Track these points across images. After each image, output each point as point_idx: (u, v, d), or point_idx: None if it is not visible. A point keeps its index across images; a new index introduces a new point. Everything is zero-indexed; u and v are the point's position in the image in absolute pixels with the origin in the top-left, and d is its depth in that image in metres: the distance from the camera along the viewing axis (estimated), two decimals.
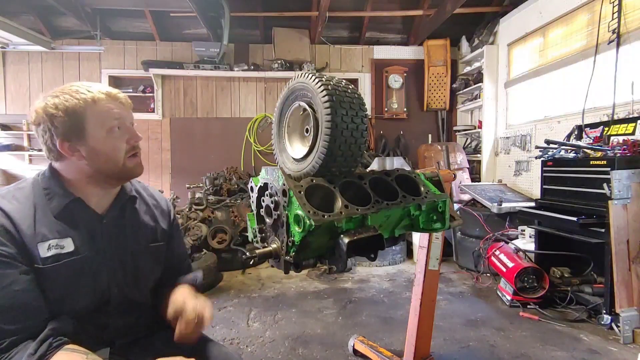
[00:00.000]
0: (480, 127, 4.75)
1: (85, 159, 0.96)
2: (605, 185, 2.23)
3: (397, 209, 1.06)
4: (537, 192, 3.33)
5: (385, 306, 2.75)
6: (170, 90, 5.16)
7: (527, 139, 3.93)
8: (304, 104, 1.06)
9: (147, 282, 1.12)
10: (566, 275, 2.72)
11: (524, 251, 2.82)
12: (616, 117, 2.79)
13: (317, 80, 1.00)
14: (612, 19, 2.85)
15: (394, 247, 3.74)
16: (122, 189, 1.09)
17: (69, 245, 0.95)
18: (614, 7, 2.84)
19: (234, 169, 4.89)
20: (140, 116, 4.96)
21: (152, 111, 5.11)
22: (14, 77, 4.91)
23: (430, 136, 5.44)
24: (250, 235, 1.18)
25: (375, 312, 2.64)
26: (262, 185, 1.08)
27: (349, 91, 1.03)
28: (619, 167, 2.23)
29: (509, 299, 2.68)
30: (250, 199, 1.15)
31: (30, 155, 4.88)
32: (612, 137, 2.62)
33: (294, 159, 1.12)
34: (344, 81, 1.07)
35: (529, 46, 4.04)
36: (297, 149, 1.14)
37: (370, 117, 5.31)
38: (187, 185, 4.49)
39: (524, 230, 3.17)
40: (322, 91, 0.98)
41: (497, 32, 4.55)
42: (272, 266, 1.12)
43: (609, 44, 2.87)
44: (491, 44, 4.62)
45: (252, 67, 5.04)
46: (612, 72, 2.83)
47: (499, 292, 2.85)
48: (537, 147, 3.04)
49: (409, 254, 4.01)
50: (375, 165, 4.08)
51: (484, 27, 4.72)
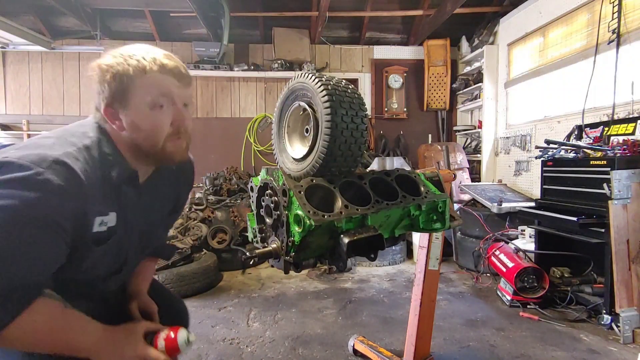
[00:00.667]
0: (480, 127, 4.75)
1: (125, 130, 0.88)
2: (605, 185, 2.23)
3: (397, 209, 1.06)
4: (537, 192, 3.33)
5: (385, 306, 2.75)
6: None
7: (527, 139, 3.93)
8: (304, 104, 1.06)
9: (150, 248, 1.12)
10: (566, 275, 2.72)
11: (524, 251, 2.82)
12: (616, 117, 2.79)
13: (317, 80, 1.01)
14: (612, 19, 2.85)
15: (394, 247, 3.74)
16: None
17: (113, 220, 0.88)
18: (614, 7, 2.84)
19: (234, 169, 4.89)
20: None
21: None
22: (14, 77, 4.90)
23: (430, 136, 5.44)
24: (250, 235, 1.18)
25: (375, 312, 2.64)
26: (262, 185, 1.08)
27: (349, 91, 1.03)
28: (619, 167, 2.23)
29: (509, 299, 2.68)
30: (250, 199, 1.15)
31: None
32: (612, 137, 2.62)
33: (294, 159, 1.12)
34: (344, 81, 1.08)
35: (529, 46, 4.04)
36: (297, 149, 1.14)
37: (370, 117, 5.31)
38: None
39: (524, 230, 3.17)
40: (322, 91, 0.98)
41: (497, 32, 4.55)
42: (272, 266, 1.12)
43: (609, 44, 2.87)
44: (491, 44, 4.62)
45: (252, 67, 5.04)
46: (612, 72, 2.83)
47: (499, 292, 2.85)
48: (537, 147, 3.03)
49: (409, 254, 4.01)
50: (375, 165, 4.08)
51: (484, 27, 4.71)
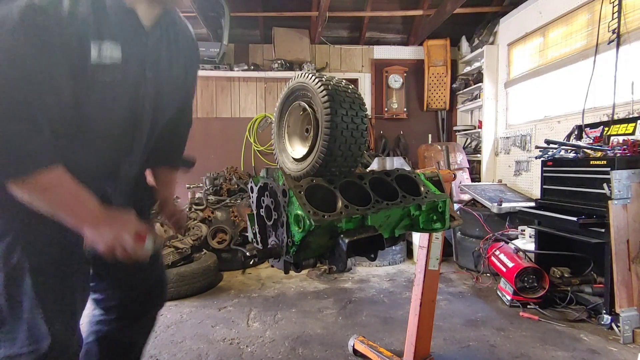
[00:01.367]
0: (480, 127, 4.75)
1: None
2: (605, 185, 2.23)
3: (397, 209, 1.06)
4: (537, 192, 3.33)
5: (385, 306, 2.75)
6: None
7: (527, 139, 3.93)
8: (304, 104, 1.06)
9: (164, 117, 1.13)
10: (566, 275, 2.72)
11: (524, 251, 2.82)
12: (616, 117, 2.79)
13: (317, 80, 1.01)
14: (612, 19, 2.85)
15: (394, 247, 3.74)
16: (165, 12, 1.02)
17: (116, 53, 0.88)
18: (614, 7, 2.84)
19: (234, 169, 4.89)
20: None
21: None
22: None
23: (430, 136, 5.44)
24: (250, 235, 1.18)
25: (375, 312, 2.64)
26: (262, 185, 1.08)
27: (349, 91, 1.03)
28: (619, 167, 2.22)
29: (509, 299, 2.68)
30: (250, 199, 1.15)
31: None
32: (612, 137, 2.62)
33: (294, 159, 1.12)
34: (344, 81, 1.08)
35: (529, 46, 4.04)
36: (297, 149, 1.14)
37: (370, 117, 5.31)
38: (187, 185, 4.49)
39: (524, 230, 3.17)
40: (322, 91, 0.98)
41: (497, 32, 4.55)
42: (272, 266, 1.13)
43: (609, 44, 2.87)
44: (491, 44, 4.62)
45: (252, 67, 5.04)
46: (612, 72, 2.83)
47: (499, 292, 2.85)
48: (537, 147, 3.03)
49: (409, 254, 4.01)
50: (375, 165, 4.08)
51: (484, 27, 4.71)
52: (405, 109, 5.36)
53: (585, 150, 2.55)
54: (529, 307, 2.60)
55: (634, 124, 2.52)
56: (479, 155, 4.76)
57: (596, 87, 3.00)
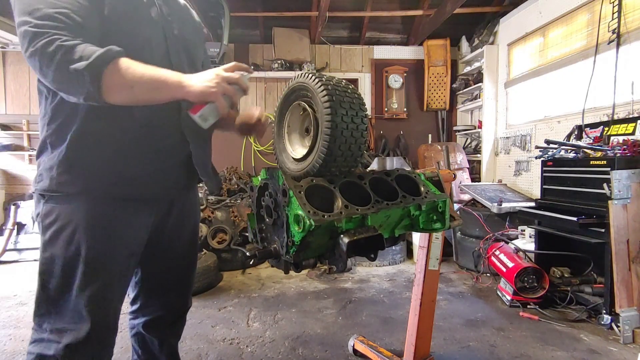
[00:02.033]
0: (480, 127, 4.75)
1: None
2: (605, 185, 2.23)
3: (397, 209, 1.06)
4: (537, 192, 3.33)
5: (385, 306, 2.75)
6: None
7: (527, 139, 3.93)
8: (304, 104, 1.06)
9: (197, 55, 1.24)
10: (566, 275, 2.72)
11: (524, 251, 2.82)
12: (616, 117, 2.79)
13: (317, 80, 1.01)
14: (612, 19, 2.85)
15: (394, 247, 3.74)
16: None
17: None
18: (614, 7, 2.84)
19: (234, 169, 4.89)
20: None
21: None
22: (14, 77, 4.90)
23: (430, 136, 5.44)
24: (250, 235, 1.18)
25: (375, 312, 2.64)
26: (262, 185, 1.08)
27: (349, 91, 1.03)
28: (619, 167, 2.23)
29: (509, 299, 2.68)
30: (250, 199, 1.15)
31: (30, 155, 4.87)
32: (612, 137, 2.62)
33: (294, 159, 1.12)
34: (344, 81, 1.08)
35: (529, 46, 4.04)
36: (297, 149, 1.14)
37: (370, 117, 5.31)
38: None
39: (524, 230, 3.17)
40: (322, 91, 0.98)
41: (497, 32, 4.55)
42: (272, 266, 1.13)
43: (609, 44, 2.87)
44: (491, 44, 4.62)
45: (252, 67, 5.03)
46: (612, 72, 2.83)
47: (499, 292, 2.85)
48: (537, 147, 3.03)
49: (409, 254, 4.01)
50: (375, 165, 4.08)
51: (484, 27, 4.71)
52: (405, 109, 5.36)
53: (585, 150, 2.55)
54: (529, 307, 2.61)
55: (634, 124, 2.52)
56: (479, 155, 4.76)
57: (596, 87, 3.00)
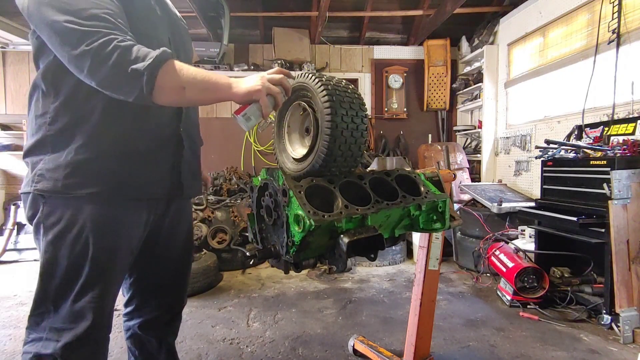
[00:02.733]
0: (480, 127, 4.75)
1: None
2: (605, 185, 2.23)
3: (397, 209, 1.06)
4: (537, 192, 3.33)
5: (385, 306, 2.75)
6: None
7: (527, 139, 3.93)
8: (304, 104, 1.06)
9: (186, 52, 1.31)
10: (566, 275, 2.72)
11: (524, 251, 2.82)
12: (616, 117, 2.79)
13: (317, 80, 1.01)
14: (612, 19, 2.85)
15: (394, 247, 3.74)
16: None
17: None
18: (614, 7, 2.84)
19: (234, 169, 4.89)
20: None
21: None
22: (14, 77, 4.90)
23: (430, 136, 5.43)
24: (250, 235, 1.18)
25: (375, 312, 2.64)
26: (262, 185, 1.08)
27: (349, 91, 1.03)
28: (619, 167, 2.23)
29: (509, 299, 2.68)
30: (250, 199, 1.15)
31: None
32: (612, 137, 2.62)
33: (294, 159, 1.12)
34: (344, 81, 1.08)
35: (529, 46, 4.04)
36: (297, 149, 1.14)
37: (370, 117, 5.31)
38: None
39: (524, 230, 3.17)
40: (322, 91, 0.98)
41: (497, 32, 4.55)
42: (272, 266, 1.13)
43: (609, 44, 2.87)
44: (491, 44, 4.62)
45: (252, 67, 5.03)
46: (612, 72, 2.83)
47: (499, 292, 2.85)
48: (537, 147, 3.03)
49: (409, 254, 4.01)
50: (375, 165, 4.08)
51: (484, 27, 4.71)
52: (405, 109, 5.36)
53: (585, 150, 2.55)
54: (529, 307, 2.61)
55: (634, 124, 2.52)
56: (479, 155, 4.76)
57: (596, 87, 3.00)
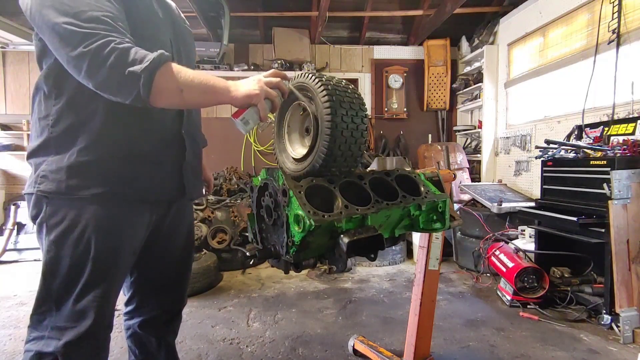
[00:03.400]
0: (480, 127, 4.75)
1: None
2: (605, 185, 2.23)
3: (397, 209, 1.06)
4: (537, 192, 3.33)
5: (385, 306, 2.75)
6: None
7: (527, 139, 3.93)
8: (304, 104, 1.06)
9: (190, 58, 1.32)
10: (566, 275, 2.72)
11: (524, 251, 2.82)
12: (616, 117, 2.79)
13: (317, 80, 1.01)
14: (612, 19, 2.85)
15: (394, 247, 3.74)
16: None
17: None
18: (614, 7, 2.84)
19: (234, 169, 4.89)
20: None
21: None
22: (14, 77, 4.90)
23: (430, 136, 5.44)
24: (250, 235, 1.18)
25: (375, 312, 2.64)
26: (262, 185, 1.08)
27: (349, 91, 1.03)
28: (619, 167, 2.23)
29: (509, 299, 2.68)
30: (250, 199, 1.15)
31: None
32: (612, 137, 2.62)
33: (294, 159, 1.12)
34: (344, 81, 1.08)
35: (529, 46, 4.04)
36: (297, 149, 1.14)
37: (370, 117, 5.31)
38: None
39: (524, 230, 3.17)
40: (322, 91, 0.98)
41: (497, 32, 4.55)
42: (272, 266, 1.13)
43: (609, 44, 2.87)
44: (491, 44, 4.62)
45: (252, 67, 5.03)
46: (612, 72, 2.83)
47: (499, 292, 2.85)
48: (537, 147, 3.03)
49: (409, 254, 4.01)
50: (375, 165, 4.07)
51: (484, 27, 4.71)
52: (405, 109, 5.36)
53: (585, 150, 2.55)
54: (529, 307, 2.61)
55: (634, 124, 2.52)
56: (479, 155, 4.76)
57: (596, 87, 3.00)
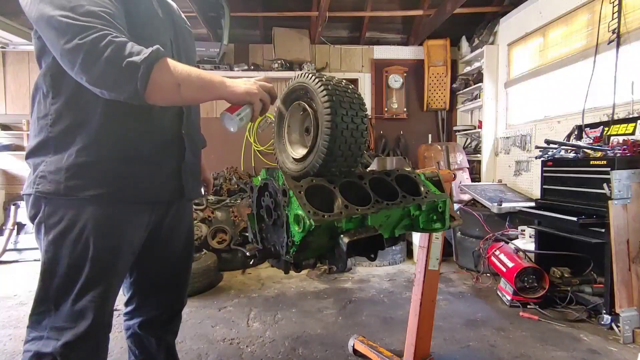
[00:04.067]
0: (480, 127, 4.74)
1: None
2: (605, 185, 2.23)
3: (397, 209, 1.06)
4: (537, 192, 3.32)
5: (385, 306, 2.75)
6: None
7: (527, 139, 3.93)
8: (304, 104, 1.06)
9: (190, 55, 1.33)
10: (566, 275, 2.72)
11: (524, 251, 2.82)
12: (616, 117, 2.79)
13: (317, 80, 1.01)
14: (612, 19, 2.85)
15: (394, 247, 3.74)
16: None
17: None
18: (614, 7, 2.84)
19: (234, 169, 4.89)
20: None
21: None
22: (14, 77, 4.90)
23: (430, 136, 5.43)
24: (250, 235, 1.18)
25: (375, 312, 2.64)
26: (262, 185, 1.08)
27: (349, 91, 1.03)
28: (619, 167, 2.23)
29: (509, 299, 2.68)
30: (250, 199, 1.15)
31: None
32: (612, 137, 2.62)
33: (294, 159, 1.12)
34: (344, 81, 1.07)
35: (529, 46, 4.04)
36: (297, 149, 1.14)
37: (370, 117, 5.31)
38: None
39: (524, 230, 3.17)
40: (322, 91, 0.98)
41: (497, 32, 4.55)
42: (272, 266, 1.13)
43: (609, 44, 2.87)
44: (491, 44, 4.62)
45: (252, 67, 5.03)
46: (612, 72, 2.83)
47: (499, 292, 2.85)
48: (537, 147, 3.03)
49: (409, 254, 4.01)
50: (375, 165, 4.07)
51: (484, 27, 4.71)
52: (405, 109, 5.36)
53: (585, 150, 2.55)
54: (529, 307, 2.61)
55: (634, 124, 2.52)
56: (479, 155, 4.76)
57: (596, 87, 3.00)
